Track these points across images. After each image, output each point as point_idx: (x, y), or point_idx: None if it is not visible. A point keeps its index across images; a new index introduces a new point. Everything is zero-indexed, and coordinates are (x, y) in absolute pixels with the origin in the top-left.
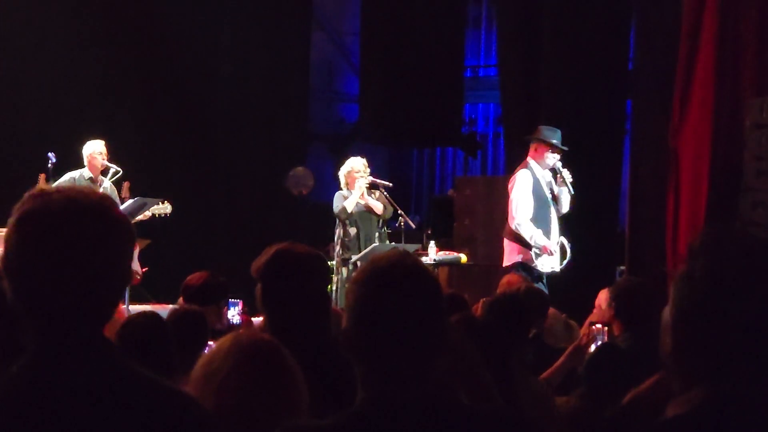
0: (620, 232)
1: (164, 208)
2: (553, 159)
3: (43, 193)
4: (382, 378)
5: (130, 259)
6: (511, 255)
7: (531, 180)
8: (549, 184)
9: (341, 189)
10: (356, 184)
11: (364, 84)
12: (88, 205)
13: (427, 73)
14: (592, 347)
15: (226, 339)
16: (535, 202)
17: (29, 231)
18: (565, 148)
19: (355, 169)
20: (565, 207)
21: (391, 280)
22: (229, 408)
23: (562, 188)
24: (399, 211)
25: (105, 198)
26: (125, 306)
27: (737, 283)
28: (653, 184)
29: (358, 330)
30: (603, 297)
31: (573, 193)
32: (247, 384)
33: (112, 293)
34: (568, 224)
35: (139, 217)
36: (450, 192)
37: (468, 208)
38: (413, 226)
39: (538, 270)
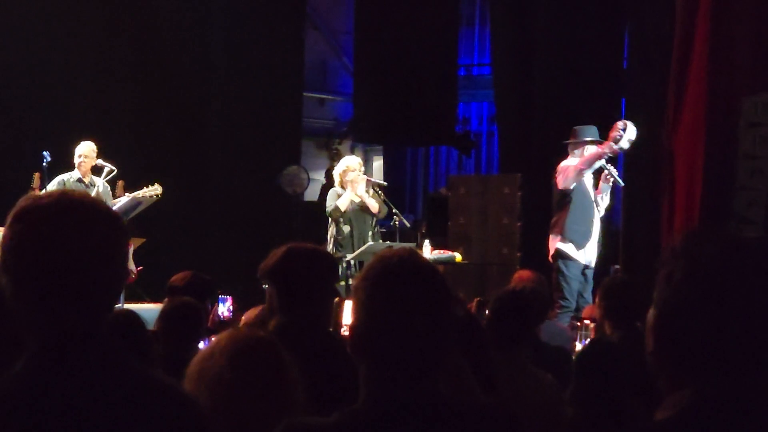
0: (615, 231)
1: (154, 189)
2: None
3: (37, 195)
4: (389, 375)
5: (125, 257)
6: (551, 246)
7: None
8: (591, 185)
9: (335, 187)
10: (353, 184)
11: (358, 83)
12: (80, 204)
13: (421, 71)
14: (578, 345)
15: (222, 336)
16: (580, 199)
17: (24, 230)
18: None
19: (351, 167)
20: (604, 207)
21: (402, 278)
22: (223, 404)
23: (605, 188)
24: (394, 210)
25: (97, 199)
26: (120, 305)
27: (717, 285)
28: (648, 183)
29: (367, 326)
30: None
31: (623, 185)
32: (241, 381)
33: (108, 291)
34: None
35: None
36: (443, 190)
37: (462, 206)
38: (408, 225)
39: (577, 261)
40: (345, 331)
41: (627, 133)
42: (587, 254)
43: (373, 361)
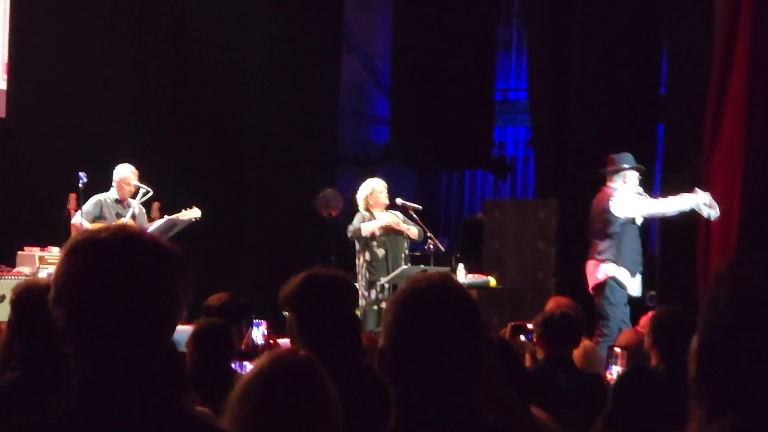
0: (651, 257)
1: (193, 212)
2: (635, 178)
3: (95, 229)
4: (418, 398)
5: (183, 290)
6: (593, 276)
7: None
8: None
9: (360, 211)
10: (383, 216)
11: (394, 106)
12: (139, 237)
13: (457, 95)
14: (608, 374)
15: (265, 358)
16: (634, 228)
17: (80, 261)
18: (642, 167)
19: (378, 189)
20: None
21: (431, 302)
22: (269, 429)
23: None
24: (428, 234)
25: (156, 235)
26: None
27: (762, 310)
28: None
29: (396, 349)
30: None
31: None
32: (286, 405)
33: (163, 326)
34: None
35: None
36: (479, 215)
37: (497, 231)
38: (442, 249)
39: (626, 289)
40: None
41: (711, 210)
42: (636, 284)
43: (402, 384)
